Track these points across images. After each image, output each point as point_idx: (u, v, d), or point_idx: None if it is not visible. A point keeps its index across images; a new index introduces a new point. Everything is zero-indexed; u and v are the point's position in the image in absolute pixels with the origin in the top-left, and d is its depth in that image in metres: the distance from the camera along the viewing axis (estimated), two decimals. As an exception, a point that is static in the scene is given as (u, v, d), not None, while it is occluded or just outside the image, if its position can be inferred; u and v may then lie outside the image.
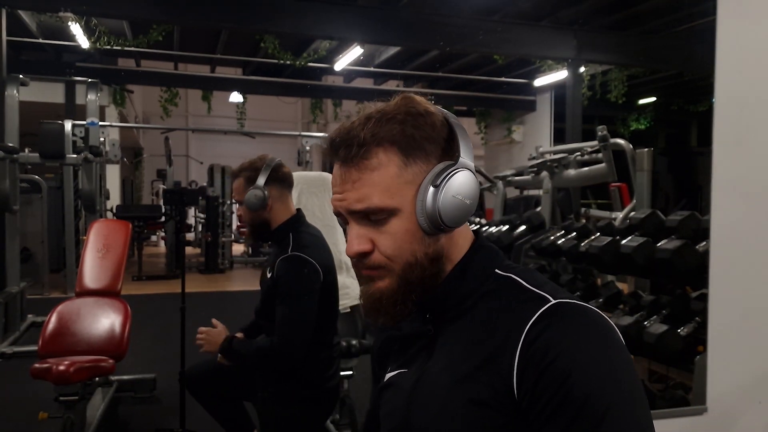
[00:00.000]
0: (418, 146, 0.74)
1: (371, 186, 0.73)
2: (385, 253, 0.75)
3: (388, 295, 0.76)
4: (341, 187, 0.76)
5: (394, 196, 0.73)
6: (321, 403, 2.05)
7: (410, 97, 0.77)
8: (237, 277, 9.32)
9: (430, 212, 0.73)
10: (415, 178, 0.74)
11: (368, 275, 0.77)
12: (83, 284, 2.99)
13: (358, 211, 0.75)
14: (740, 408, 1.92)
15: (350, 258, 0.78)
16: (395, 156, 0.73)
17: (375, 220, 0.75)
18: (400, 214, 0.74)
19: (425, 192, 0.73)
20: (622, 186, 5.05)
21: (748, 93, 1.90)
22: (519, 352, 0.67)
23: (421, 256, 0.75)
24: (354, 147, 0.73)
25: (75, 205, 7.20)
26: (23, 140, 5.64)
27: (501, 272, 0.78)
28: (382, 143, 0.73)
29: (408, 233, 0.74)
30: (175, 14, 6.55)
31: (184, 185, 12.36)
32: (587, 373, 0.64)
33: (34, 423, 2.67)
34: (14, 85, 5.51)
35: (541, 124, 11.30)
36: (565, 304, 0.70)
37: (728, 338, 1.88)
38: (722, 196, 1.87)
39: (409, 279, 0.75)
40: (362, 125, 0.74)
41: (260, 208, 1.97)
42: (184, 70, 10.74)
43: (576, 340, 0.66)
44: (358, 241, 0.76)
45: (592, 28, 7.66)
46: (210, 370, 2.33)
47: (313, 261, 1.92)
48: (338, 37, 7.50)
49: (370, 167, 0.73)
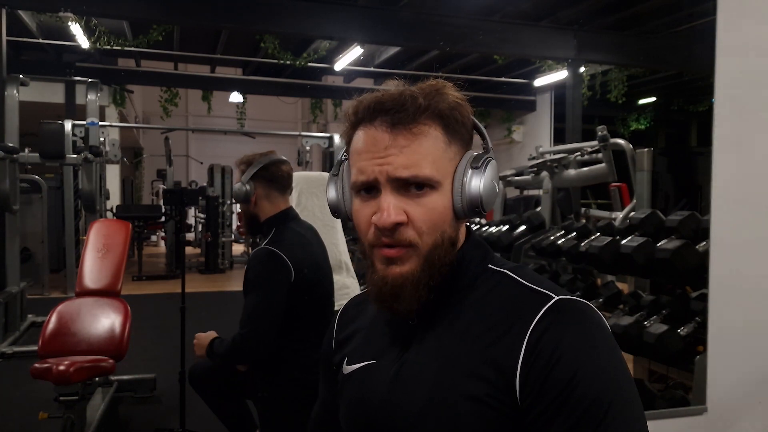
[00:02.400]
0: (459, 129, 0.75)
1: (422, 154, 0.71)
2: (420, 228, 0.72)
3: (413, 279, 0.73)
4: (385, 152, 0.71)
5: (439, 170, 0.72)
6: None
7: (447, 84, 0.77)
8: (237, 277, 9.32)
9: (473, 193, 0.73)
10: (454, 158, 0.74)
11: (389, 256, 0.73)
12: (83, 284, 2.99)
13: (403, 179, 0.71)
14: (740, 408, 1.92)
15: (381, 229, 0.72)
16: (440, 131, 0.73)
17: (414, 191, 0.72)
18: (440, 190, 0.73)
19: (466, 172, 0.73)
20: (622, 186, 5.05)
21: (748, 93, 1.90)
22: (524, 350, 0.67)
23: (447, 239, 0.74)
24: (410, 111, 0.71)
25: (75, 205, 7.20)
26: (23, 140, 5.64)
27: (494, 267, 0.78)
28: (433, 115, 0.73)
29: (445, 211, 0.73)
30: (175, 14, 6.55)
31: (184, 185, 12.36)
32: (592, 374, 0.65)
33: (34, 423, 2.67)
34: (14, 85, 5.51)
35: (541, 124, 11.31)
36: (567, 302, 0.70)
37: (728, 338, 1.88)
38: (722, 195, 1.87)
39: (432, 261, 0.73)
40: (412, 95, 0.72)
41: (243, 202, 2.04)
42: (184, 70, 10.74)
43: (580, 340, 0.66)
44: (395, 211, 0.71)
45: (592, 28, 7.66)
46: (213, 368, 2.34)
47: (283, 256, 1.92)
48: (338, 37, 7.49)
49: (422, 134, 0.72)
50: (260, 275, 1.93)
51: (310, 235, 2.13)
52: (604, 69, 9.02)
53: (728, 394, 1.90)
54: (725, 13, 1.85)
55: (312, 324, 2.02)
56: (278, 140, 14.17)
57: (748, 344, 1.91)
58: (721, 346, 1.87)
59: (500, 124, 12.13)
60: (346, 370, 0.85)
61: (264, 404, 2.05)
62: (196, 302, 5.56)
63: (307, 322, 1.99)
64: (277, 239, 1.99)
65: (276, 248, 1.93)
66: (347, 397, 0.83)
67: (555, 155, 4.54)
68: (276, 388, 2.00)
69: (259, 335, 1.90)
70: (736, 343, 1.89)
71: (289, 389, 1.99)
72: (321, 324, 2.06)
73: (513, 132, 11.91)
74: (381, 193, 0.72)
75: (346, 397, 0.84)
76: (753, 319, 1.92)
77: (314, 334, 2.03)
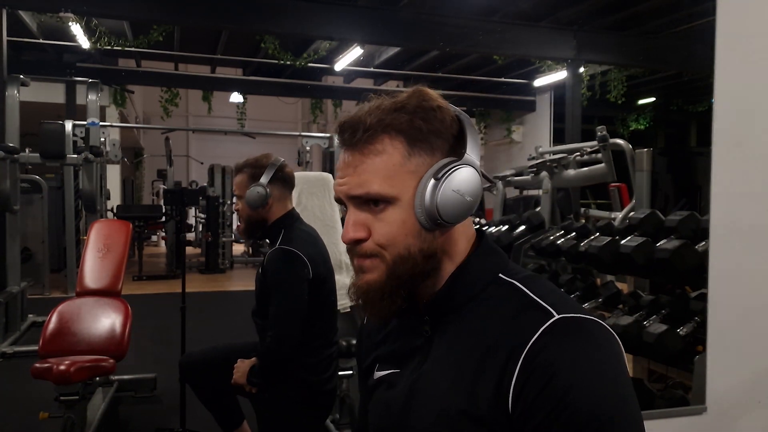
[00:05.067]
0: (425, 138, 0.73)
1: (373, 172, 0.72)
2: (379, 241, 0.73)
3: (375, 288, 0.74)
4: (343, 172, 0.75)
5: (394, 185, 0.72)
6: (318, 405, 2.05)
7: (423, 91, 0.76)
8: (237, 277, 9.32)
9: (429, 205, 0.71)
10: (417, 170, 0.73)
11: (360, 265, 0.76)
12: (84, 284, 2.99)
13: (357, 197, 0.74)
14: (740, 408, 1.92)
15: (345, 245, 0.77)
16: (400, 145, 0.73)
17: (374, 207, 0.73)
18: (399, 204, 0.73)
19: (425, 184, 0.72)
20: (622, 186, 5.05)
21: (747, 93, 1.90)
22: (519, 368, 0.66)
23: (415, 251, 0.73)
24: (360, 131, 0.73)
25: (75, 205, 7.20)
26: (24, 140, 5.64)
27: (505, 277, 0.76)
28: (388, 130, 0.72)
29: (404, 224, 0.73)
30: (175, 14, 6.55)
31: (185, 185, 12.35)
32: (586, 392, 0.63)
33: (35, 423, 2.67)
34: (15, 85, 5.51)
35: (541, 124, 11.30)
36: (568, 320, 0.68)
37: (728, 338, 1.88)
38: (722, 196, 1.88)
39: (398, 273, 0.73)
40: (371, 112, 0.74)
41: (260, 206, 2.00)
42: (184, 71, 10.73)
43: (577, 359, 0.65)
44: (354, 228, 0.74)
45: (591, 28, 7.66)
46: (205, 361, 2.34)
47: (300, 253, 1.93)
48: (338, 38, 7.50)
49: (373, 152, 0.73)
50: (281, 276, 1.93)
51: (315, 234, 2.14)
52: (604, 69, 9.01)
53: (728, 394, 1.90)
54: (725, 13, 1.85)
55: (318, 323, 2.02)
56: (278, 140, 14.17)
57: (747, 344, 1.91)
58: (721, 346, 1.87)
59: (500, 125, 12.13)
60: (375, 376, 0.86)
61: (264, 404, 2.05)
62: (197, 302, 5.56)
63: (314, 320, 2.00)
64: (289, 238, 1.99)
65: (291, 246, 1.94)
66: (374, 404, 0.85)
67: (554, 155, 4.54)
68: (278, 388, 2.00)
69: (291, 331, 1.91)
70: (736, 343, 1.90)
71: (291, 389, 1.99)
72: (324, 324, 2.07)
73: (513, 132, 11.90)
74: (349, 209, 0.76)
75: (373, 404, 0.85)
76: (752, 319, 1.92)
77: (317, 335, 2.03)
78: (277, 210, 2.06)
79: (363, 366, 0.92)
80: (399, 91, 0.78)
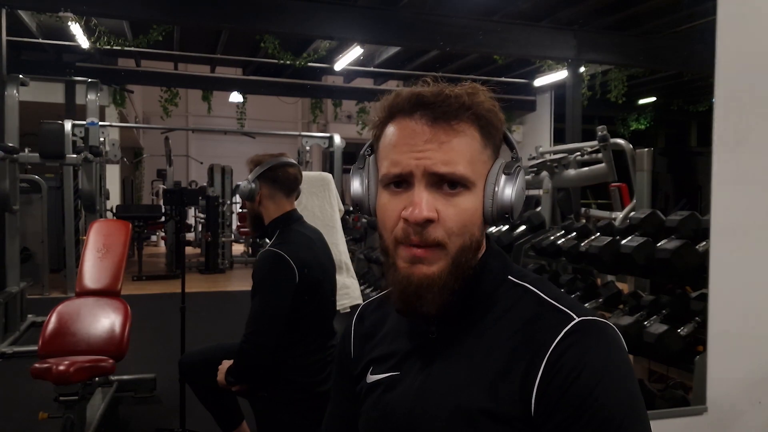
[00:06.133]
0: (493, 133, 0.74)
1: (460, 152, 0.70)
2: (450, 228, 0.70)
3: (437, 281, 0.70)
4: (424, 146, 0.70)
5: (475, 170, 0.71)
6: (314, 407, 2.05)
7: (482, 89, 0.76)
8: (237, 277, 9.31)
9: (506, 198, 0.72)
10: (489, 161, 0.73)
11: (417, 255, 0.70)
12: (83, 284, 2.99)
13: (440, 174, 0.70)
14: (740, 408, 1.92)
15: (412, 225, 0.69)
16: (477, 132, 0.72)
17: (447, 190, 0.70)
18: (473, 191, 0.71)
19: (499, 177, 0.72)
20: (622, 186, 5.05)
21: (748, 93, 1.90)
22: (542, 369, 0.67)
23: (474, 242, 0.72)
24: (452, 108, 0.71)
25: (75, 205, 7.19)
26: (23, 140, 5.64)
27: (514, 279, 0.76)
28: (472, 116, 0.72)
29: (475, 213, 0.72)
30: (175, 14, 6.55)
31: (184, 185, 12.35)
32: (609, 393, 0.66)
33: (34, 423, 2.67)
34: (14, 85, 5.51)
35: (541, 124, 11.31)
36: (588, 323, 0.70)
37: (728, 338, 1.88)
38: (722, 196, 1.87)
39: (459, 264, 0.71)
40: (455, 94, 0.72)
41: (248, 200, 2.05)
42: (184, 70, 10.74)
43: (601, 360, 0.67)
44: (428, 207, 0.69)
45: (592, 28, 7.66)
46: (205, 361, 2.34)
47: (287, 257, 1.93)
48: (338, 37, 7.49)
49: (462, 133, 0.71)
50: (264, 277, 1.94)
51: (314, 236, 2.13)
52: (604, 69, 9.02)
53: (728, 394, 1.90)
54: (725, 13, 1.85)
55: (312, 325, 2.02)
56: (278, 140, 14.16)
57: (748, 344, 1.91)
58: (721, 346, 1.87)
59: (500, 124, 12.13)
60: (369, 380, 0.83)
61: (262, 404, 2.04)
62: (196, 302, 5.57)
63: (308, 323, 2.00)
64: (282, 240, 2.00)
65: (280, 250, 1.94)
66: (370, 408, 0.82)
67: (555, 155, 4.54)
68: (274, 389, 2.00)
69: (264, 336, 1.91)
70: (736, 343, 1.89)
71: (287, 390, 1.99)
72: (321, 325, 2.07)
73: (513, 132, 11.75)
74: (413, 187, 0.70)
75: (368, 407, 0.82)
76: (752, 319, 1.91)
77: (314, 336, 2.03)
78: (271, 209, 2.07)
79: (352, 370, 0.88)
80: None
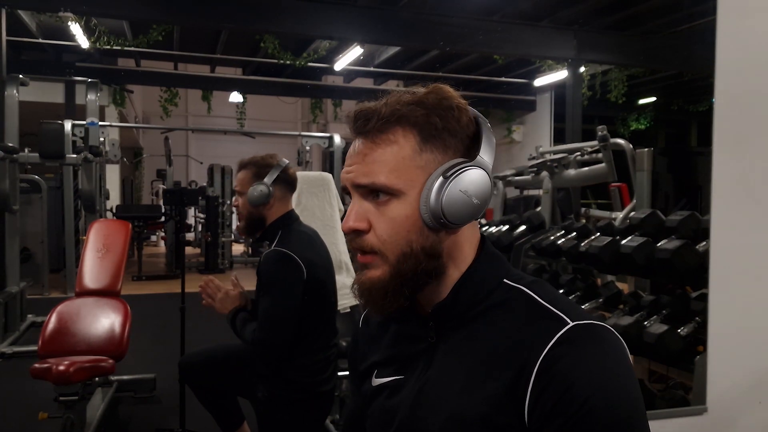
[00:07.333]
0: (438, 135, 0.72)
1: (381, 162, 0.71)
2: (381, 236, 0.72)
3: (379, 285, 0.73)
4: (351, 160, 0.73)
5: (401, 178, 0.71)
6: (316, 407, 2.05)
7: (443, 88, 0.75)
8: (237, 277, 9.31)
9: (434, 203, 0.70)
10: (427, 166, 0.71)
11: (362, 262, 0.74)
12: (83, 284, 2.99)
13: (363, 186, 0.72)
14: (740, 408, 1.92)
15: (345, 234, 0.75)
16: (412, 138, 0.71)
17: (377, 200, 0.72)
18: (404, 198, 0.71)
19: (433, 181, 0.70)
20: (622, 186, 5.04)
21: (748, 93, 1.90)
22: (534, 375, 0.66)
23: (418, 248, 0.72)
24: (373, 120, 0.72)
25: (75, 205, 7.19)
26: (23, 140, 5.63)
27: (510, 282, 0.75)
28: (402, 122, 0.71)
29: (408, 220, 0.71)
30: (175, 14, 6.55)
31: (184, 185, 12.34)
32: (604, 400, 0.64)
33: (34, 423, 2.67)
34: (14, 85, 5.50)
35: (541, 124, 11.30)
36: (582, 328, 0.68)
37: (728, 338, 1.88)
38: (722, 196, 1.87)
39: (401, 270, 0.72)
40: (387, 103, 0.73)
41: (261, 205, 2.00)
42: (184, 70, 10.73)
43: (594, 368, 0.65)
44: (355, 217, 0.73)
45: (592, 28, 7.65)
46: (205, 362, 2.34)
47: (294, 256, 1.92)
48: (338, 37, 7.49)
49: (384, 142, 0.71)
50: (274, 277, 1.92)
51: (314, 235, 2.14)
52: (604, 69, 9.01)
53: (728, 394, 1.90)
54: (725, 13, 1.85)
55: (316, 325, 2.01)
56: (278, 140, 14.15)
57: (748, 344, 1.91)
58: (721, 346, 1.87)
59: (500, 124, 12.12)
60: (374, 383, 0.84)
61: (262, 405, 2.04)
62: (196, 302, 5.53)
63: (312, 322, 1.99)
64: (286, 240, 1.99)
65: (287, 248, 1.93)
66: (374, 412, 0.83)
67: (555, 155, 4.54)
68: (275, 389, 2.00)
69: (277, 336, 1.89)
70: (736, 343, 1.89)
71: (288, 390, 1.99)
72: (324, 325, 2.06)
73: (513, 132, 11.90)
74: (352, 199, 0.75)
75: (373, 411, 0.84)
76: (752, 319, 1.91)
77: (317, 335, 2.03)
78: (277, 210, 2.05)
79: (360, 370, 0.90)
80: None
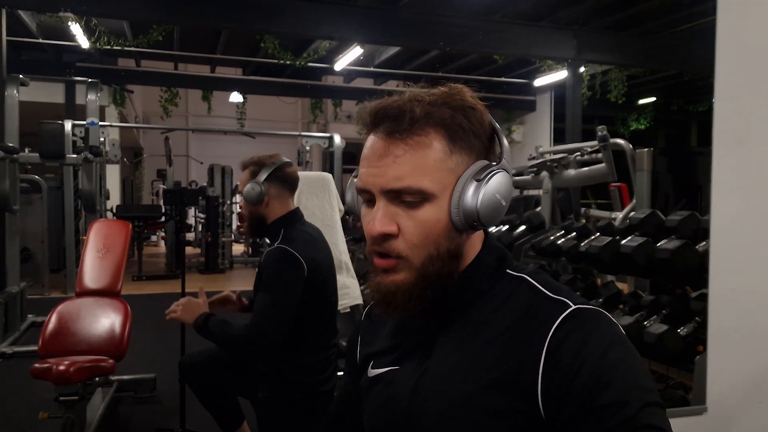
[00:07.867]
0: (465, 137, 0.71)
1: (415, 165, 0.69)
2: (410, 240, 0.70)
3: (404, 289, 0.71)
4: (379, 161, 0.70)
5: (434, 181, 0.70)
6: (316, 407, 2.05)
7: (464, 89, 0.74)
8: (237, 277, 9.31)
9: (469, 206, 0.69)
10: (456, 168, 0.71)
11: (381, 267, 0.72)
12: (83, 284, 2.99)
13: (395, 190, 0.70)
14: (740, 408, 1.92)
15: (371, 238, 0.71)
16: (443, 140, 0.70)
17: (408, 202, 0.70)
18: (435, 202, 0.70)
19: (466, 184, 0.70)
20: (622, 186, 5.05)
21: (748, 93, 1.90)
22: (543, 360, 0.66)
23: (444, 252, 0.71)
24: (406, 120, 0.69)
25: (75, 205, 7.19)
26: (23, 140, 5.63)
27: (513, 273, 0.76)
28: (433, 124, 0.70)
29: (439, 223, 0.70)
30: (175, 14, 6.55)
31: (184, 185, 12.34)
32: (616, 379, 0.63)
33: (34, 423, 2.67)
34: (14, 85, 5.50)
35: (541, 124, 11.30)
36: (585, 310, 0.69)
37: (728, 338, 1.88)
38: (722, 196, 1.87)
39: (427, 273, 0.71)
40: (414, 101, 0.70)
41: (256, 202, 2.01)
42: (184, 70, 10.73)
43: (600, 347, 0.66)
44: (384, 221, 0.70)
45: (592, 28, 7.65)
46: (205, 362, 2.34)
47: (296, 254, 1.92)
48: (338, 37, 7.49)
49: (418, 144, 0.69)
50: (275, 274, 1.92)
51: (316, 235, 2.14)
52: (604, 69, 9.01)
53: (728, 394, 1.90)
54: (725, 13, 1.85)
55: (317, 324, 2.01)
56: (278, 140, 14.15)
57: (748, 344, 1.91)
58: (721, 346, 1.87)
59: (500, 124, 11.99)
60: (371, 374, 0.84)
61: (262, 404, 2.04)
62: (196, 302, 5.52)
63: (313, 321, 1.99)
64: (288, 238, 1.99)
65: (290, 247, 1.94)
66: (371, 402, 0.83)
67: (555, 155, 4.54)
68: (275, 389, 2.00)
69: (271, 333, 1.89)
70: (736, 343, 1.89)
71: (288, 390, 1.99)
72: (323, 325, 2.06)
73: (513, 132, 11.90)
74: (375, 202, 0.72)
75: (369, 402, 0.83)
76: (753, 319, 1.91)
77: (318, 335, 2.03)
78: (277, 209, 2.06)
79: (357, 365, 0.90)
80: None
